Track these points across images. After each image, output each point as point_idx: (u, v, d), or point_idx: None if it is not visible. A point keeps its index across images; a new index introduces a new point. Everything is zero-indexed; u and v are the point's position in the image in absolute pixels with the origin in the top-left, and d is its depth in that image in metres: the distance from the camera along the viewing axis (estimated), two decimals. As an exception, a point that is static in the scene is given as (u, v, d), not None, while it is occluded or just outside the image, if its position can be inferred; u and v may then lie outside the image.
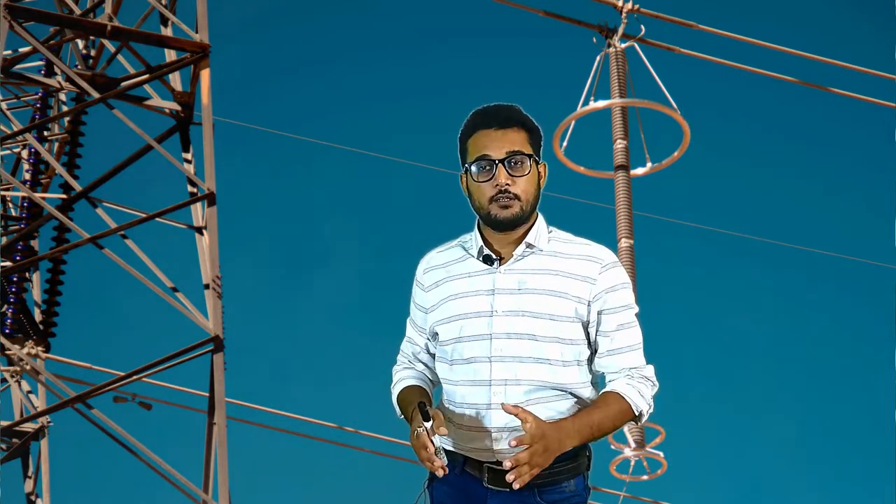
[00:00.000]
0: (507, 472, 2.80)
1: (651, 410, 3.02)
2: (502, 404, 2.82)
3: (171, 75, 10.45)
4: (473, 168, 2.96)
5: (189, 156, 10.38)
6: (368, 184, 24.38)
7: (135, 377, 9.69)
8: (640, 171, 11.31)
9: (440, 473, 2.84)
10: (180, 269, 10.25)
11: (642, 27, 11.39)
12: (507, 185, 2.93)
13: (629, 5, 11.35)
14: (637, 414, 2.98)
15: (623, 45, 11.28)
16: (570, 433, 2.84)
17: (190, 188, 10.10)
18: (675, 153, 11.34)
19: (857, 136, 24.09)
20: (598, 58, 11.26)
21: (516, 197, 2.93)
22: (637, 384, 2.99)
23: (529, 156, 2.96)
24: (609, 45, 11.29)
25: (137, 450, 9.27)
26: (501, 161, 2.93)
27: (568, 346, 2.95)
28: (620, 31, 11.34)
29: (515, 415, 2.76)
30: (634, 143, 11.18)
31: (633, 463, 10.69)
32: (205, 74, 10.06)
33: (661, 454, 10.80)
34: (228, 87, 20.45)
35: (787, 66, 12.76)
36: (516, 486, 2.78)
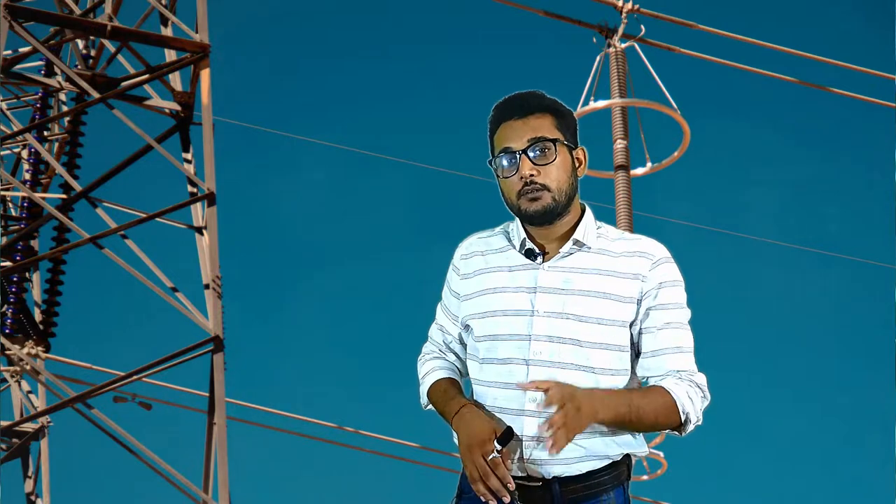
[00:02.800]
0: (539, 487, 2.63)
1: (699, 423, 2.71)
2: (518, 383, 2.63)
3: (171, 75, 10.45)
4: (498, 164, 2.73)
5: (189, 156, 10.38)
6: (368, 184, 24.39)
7: (135, 377, 9.69)
8: (640, 171, 11.31)
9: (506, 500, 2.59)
10: (180, 269, 10.24)
11: (642, 27, 11.39)
12: (532, 175, 2.68)
13: (629, 5, 11.35)
14: (682, 416, 2.67)
15: (623, 45, 11.28)
16: (603, 402, 2.58)
17: (190, 188, 10.10)
18: (675, 153, 11.35)
19: (857, 136, 24.10)
20: (598, 58, 11.26)
21: (545, 187, 2.68)
22: (686, 386, 2.69)
23: (555, 140, 2.70)
24: (609, 45, 11.29)
25: (137, 450, 9.27)
26: (523, 151, 2.69)
27: (614, 353, 2.69)
28: (620, 31, 11.34)
29: (535, 388, 2.56)
30: (634, 143, 11.19)
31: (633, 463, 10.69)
32: (205, 74, 10.06)
33: (661, 454, 10.80)
34: (228, 87, 20.47)
35: (787, 66, 12.78)
36: (554, 451, 2.53)
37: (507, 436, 2.58)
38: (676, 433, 2.75)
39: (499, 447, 2.58)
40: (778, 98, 24.75)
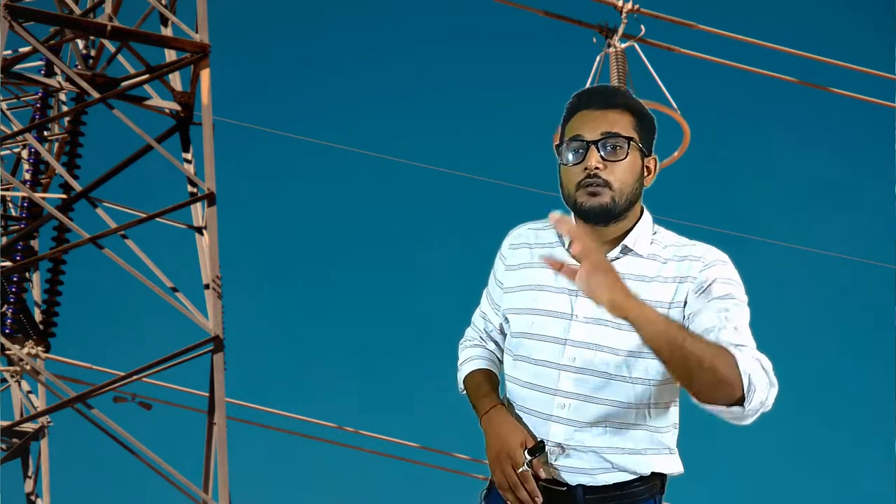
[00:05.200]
0: (563, 492, 2.57)
1: (766, 408, 2.36)
2: (552, 213, 2.40)
3: (171, 75, 10.45)
4: (565, 152, 2.59)
5: (189, 156, 10.38)
6: (368, 184, 24.39)
7: (135, 377, 9.69)
8: (640, 171, 11.31)
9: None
10: (180, 269, 10.24)
11: (642, 27, 11.39)
12: (598, 168, 2.54)
13: (629, 5, 11.35)
14: (745, 378, 2.28)
15: (623, 45, 11.28)
16: (626, 290, 2.30)
17: (190, 188, 10.10)
18: (675, 153, 11.35)
19: (857, 136, 24.10)
20: (598, 58, 11.26)
21: (607, 184, 2.54)
22: (749, 358, 2.34)
23: (629, 139, 2.58)
24: (609, 45, 11.29)
25: (137, 450, 9.27)
26: (594, 143, 2.56)
27: (654, 362, 2.51)
28: (620, 31, 11.33)
29: (562, 229, 2.36)
30: (634, 143, 11.18)
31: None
32: (205, 74, 10.06)
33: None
34: (228, 87, 20.47)
35: (787, 66, 12.77)
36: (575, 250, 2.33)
37: (538, 448, 2.54)
38: (739, 409, 2.33)
39: (529, 458, 2.54)
40: (778, 98, 24.76)
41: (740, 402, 2.32)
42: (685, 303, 2.52)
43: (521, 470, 2.53)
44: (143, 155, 10.14)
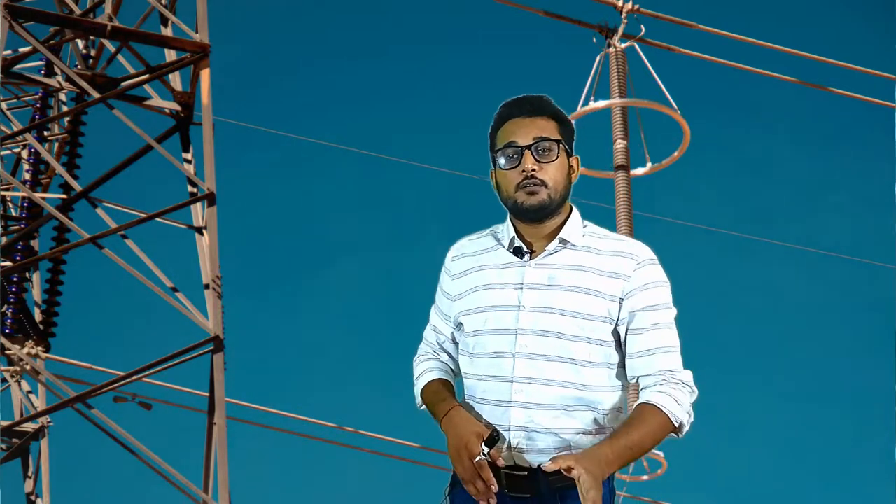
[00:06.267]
0: (526, 476, 2.79)
1: (692, 420, 2.85)
2: (542, 466, 2.75)
3: (171, 75, 10.45)
4: (500, 157, 2.87)
5: (189, 156, 10.38)
6: (368, 184, 24.40)
7: (135, 377, 9.69)
8: (640, 171, 11.31)
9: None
10: (180, 269, 10.25)
11: (642, 27, 11.40)
12: (534, 170, 2.83)
13: (629, 5, 11.35)
14: (677, 424, 2.82)
15: (623, 45, 11.28)
16: (609, 460, 2.72)
17: (190, 188, 10.10)
18: (675, 153, 11.35)
19: (857, 136, 24.10)
20: (598, 58, 11.26)
21: (543, 183, 2.83)
22: (672, 391, 2.82)
23: (558, 142, 2.87)
24: (609, 45, 11.29)
25: (137, 450, 9.27)
26: (528, 147, 2.85)
27: (597, 347, 2.82)
28: (620, 31, 11.34)
29: (559, 467, 2.69)
30: (634, 143, 11.19)
31: (633, 463, 10.68)
32: (205, 74, 10.06)
33: (661, 454, 10.80)
34: (228, 87, 20.49)
35: (787, 66, 12.77)
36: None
37: (493, 439, 2.72)
38: (675, 435, 2.87)
39: (486, 450, 2.71)
40: (778, 98, 24.75)
41: (675, 432, 2.86)
42: (621, 300, 2.84)
43: (477, 459, 2.71)
44: (143, 155, 10.15)
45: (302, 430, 13.68)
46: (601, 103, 11.00)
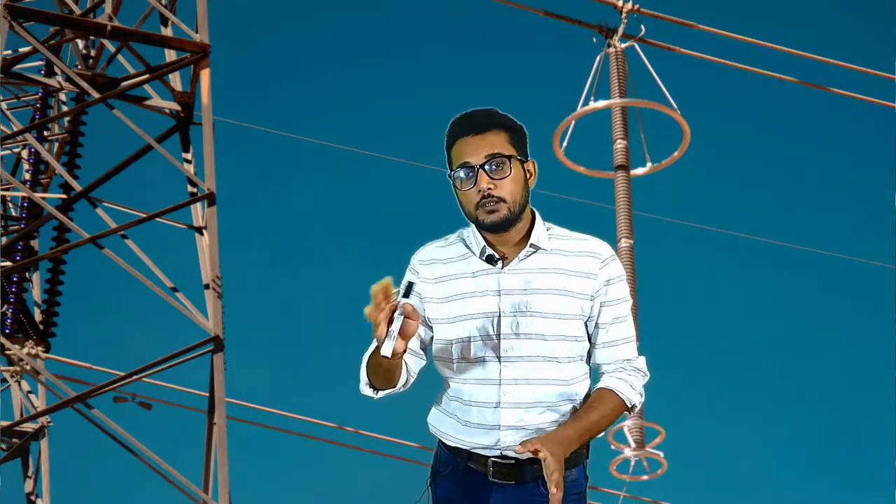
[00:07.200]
0: (512, 466, 2.95)
1: (643, 399, 3.07)
2: (517, 447, 2.85)
3: (170, 75, 10.45)
4: (456, 178, 2.95)
5: (189, 156, 10.38)
6: (368, 184, 24.39)
7: (135, 377, 9.70)
8: (640, 171, 11.30)
9: (387, 352, 2.75)
10: (180, 269, 10.25)
11: (642, 27, 11.39)
12: (490, 189, 2.90)
13: (629, 5, 11.35)
14: (629, 405, 3.03)
15: (623, 45, 11.28)
16: (572, 440, 2.88)
17: (190, 188, 10.10)
18: (675, 153, 11.34)
19: (857, 136, 24.10)
20: (598, 58, 11.26)
21: (501, 199, 2.91)
22: (629, 377, 3.02)
23: (510, 157, 2.92)
24: (609, 45, 11.29)
25: (137, 450, 9.28)
26: (481, 166, 2.91)
27: (574, 343, 2.98)
28: (620, 31, 11.34)
29: (527, 450, 2.80)
30: (634, 143, 11.19)
31: (633, 463, 10.68)
32: (205, 74, 10.07)
33: (661, 454, 10.79)
34: (228, 87, 20.47)
35: (787, 66, 12.78)
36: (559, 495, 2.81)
37: (408, 290, 2.76)
38: (627, 413, 3.09)
39: (403, 301, 2.73)
40: (778, 98, 24.76)
41: (629, 411, 3.06)
42: (592, 298, 2.98)
43: (394, 300, 2.73)
44: (143, 155, 10.16)
45: (302, 430, 13.68)
46: (601, 103, 11.00)
